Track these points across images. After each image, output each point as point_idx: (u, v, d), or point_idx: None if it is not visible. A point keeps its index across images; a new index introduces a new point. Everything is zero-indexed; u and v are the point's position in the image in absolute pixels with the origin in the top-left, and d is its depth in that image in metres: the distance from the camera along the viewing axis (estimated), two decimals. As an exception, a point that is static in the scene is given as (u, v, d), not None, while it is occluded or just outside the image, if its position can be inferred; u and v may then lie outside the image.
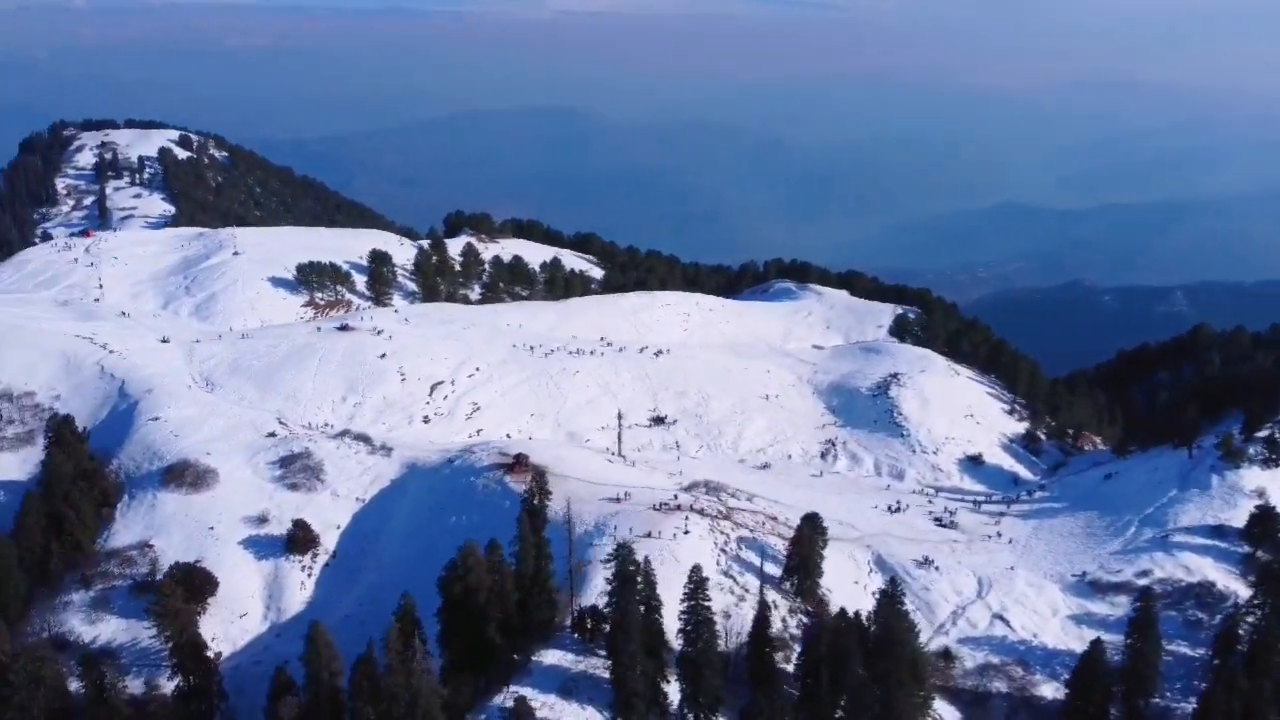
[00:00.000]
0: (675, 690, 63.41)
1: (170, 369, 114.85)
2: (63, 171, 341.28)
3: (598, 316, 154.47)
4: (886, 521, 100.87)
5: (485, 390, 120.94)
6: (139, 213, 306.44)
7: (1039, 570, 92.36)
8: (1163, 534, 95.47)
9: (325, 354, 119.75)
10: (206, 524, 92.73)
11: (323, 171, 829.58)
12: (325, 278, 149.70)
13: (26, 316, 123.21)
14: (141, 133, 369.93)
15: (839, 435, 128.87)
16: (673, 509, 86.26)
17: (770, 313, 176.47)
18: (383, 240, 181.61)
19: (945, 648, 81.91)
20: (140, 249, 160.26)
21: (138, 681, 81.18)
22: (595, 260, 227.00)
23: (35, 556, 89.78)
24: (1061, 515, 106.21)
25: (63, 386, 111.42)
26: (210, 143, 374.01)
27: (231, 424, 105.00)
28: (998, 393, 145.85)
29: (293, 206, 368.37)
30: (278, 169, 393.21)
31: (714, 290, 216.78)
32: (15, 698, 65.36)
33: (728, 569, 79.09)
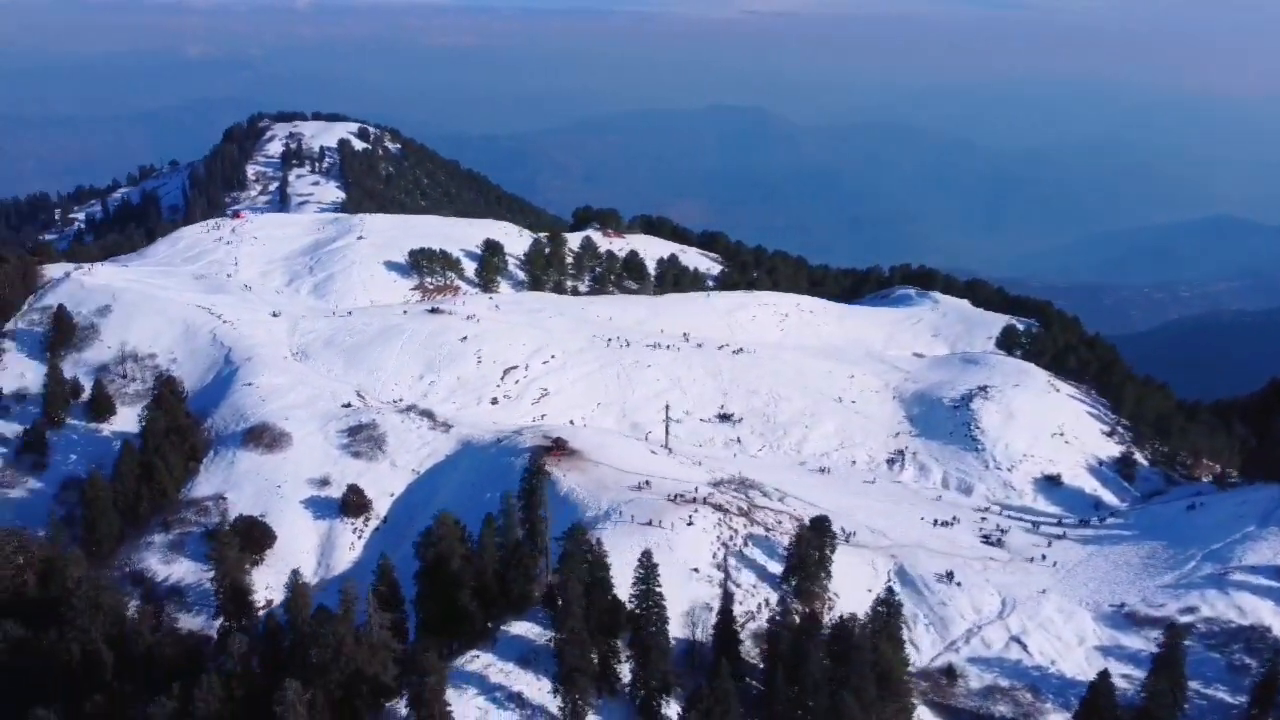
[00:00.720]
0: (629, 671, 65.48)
1: (272, 340, 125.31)
2: (254, 159, 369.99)
3: (690, 313, 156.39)
4: (926, 533, 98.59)
5: (556, 377, 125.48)
6: (314, 199, 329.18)
7: (1075, 597, 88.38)
8: (1222, 571, 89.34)
9: (411, 334, 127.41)
10: (275, 482, 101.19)
11: (509, 167, 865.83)
12: (435, 263, 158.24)
13: (161, 287, 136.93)
14: (326, 125, 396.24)
15: (911, 445, 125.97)
16: (687, 501, 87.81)
17: (876, 318, 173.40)
18: (502, 231, 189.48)
19: (949, 665, 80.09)
20: (279, 231, 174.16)
21: (198, 619, 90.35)
22: (718, 258, 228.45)
23: (127, 500, 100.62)
24: (1125, 544, 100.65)
25: (180, 351, 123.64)
26: (385, 135, 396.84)
27: (313, 394, 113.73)
28: (1100, 413, 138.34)
29: (455, 198, 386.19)
30: (445, 162, 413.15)
31: (838, 294, 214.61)
32: (78, 620, 73.49)
33: (723, 562, 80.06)
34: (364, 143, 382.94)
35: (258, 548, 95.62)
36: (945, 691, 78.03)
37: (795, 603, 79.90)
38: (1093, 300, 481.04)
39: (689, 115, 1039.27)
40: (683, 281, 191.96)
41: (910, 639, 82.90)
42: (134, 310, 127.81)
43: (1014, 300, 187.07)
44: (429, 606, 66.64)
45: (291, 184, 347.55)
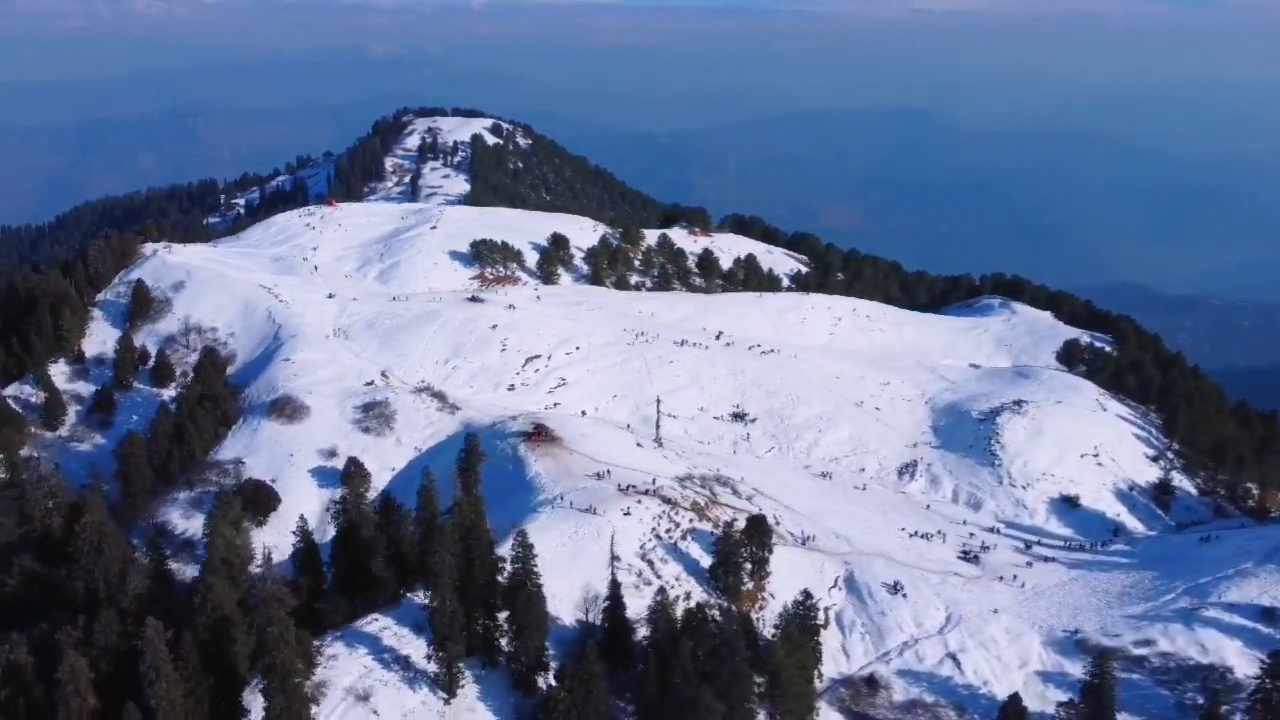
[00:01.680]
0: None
1: (320, 320, 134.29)
2: (393, 152, 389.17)
3: (739, 313, 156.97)
4: (896, 543, 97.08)
5: (577, 368, 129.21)
6: (442, 191, 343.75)
7: (1030, 619, 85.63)
8: (1196, 606, 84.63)
9: (445, 321, 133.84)
10: (289, 451, 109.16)
11: (664, 165, 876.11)
12: (495, 254, 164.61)
13: (233, 267, 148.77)
14: (463, 120, 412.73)
15: (927, 456, 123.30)
16: (639, 492, 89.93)
17: (938, 326, 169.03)
18: (577, 226, 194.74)
19: (872, 674, 79.51)
20: (364, 219, 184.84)
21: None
22: (805, 259, 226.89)
23: (160, 459, 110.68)
24: (1115, 571, 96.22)
25: (238, 326, 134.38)
26: (518, 131, 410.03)
27: (342, 371, 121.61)
28: (1150, 436, 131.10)
29: (580, 193, 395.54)
30: (572, 158, 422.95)
31: (927, 301, 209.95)
32: (81, 559, 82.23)
33: (649, 553, 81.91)
34: (496, 138, 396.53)
35: (262, 510, 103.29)
36: (865, 701, 77.58)
37: (720, 598, 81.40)
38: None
39: (849, 116, 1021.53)
40: (753, 281, 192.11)
41: (843, 645, 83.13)
42: (203, 287, 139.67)
43: (1098, 315, 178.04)
44: (339, 568, 71.69)
45: (424, 176, 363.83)
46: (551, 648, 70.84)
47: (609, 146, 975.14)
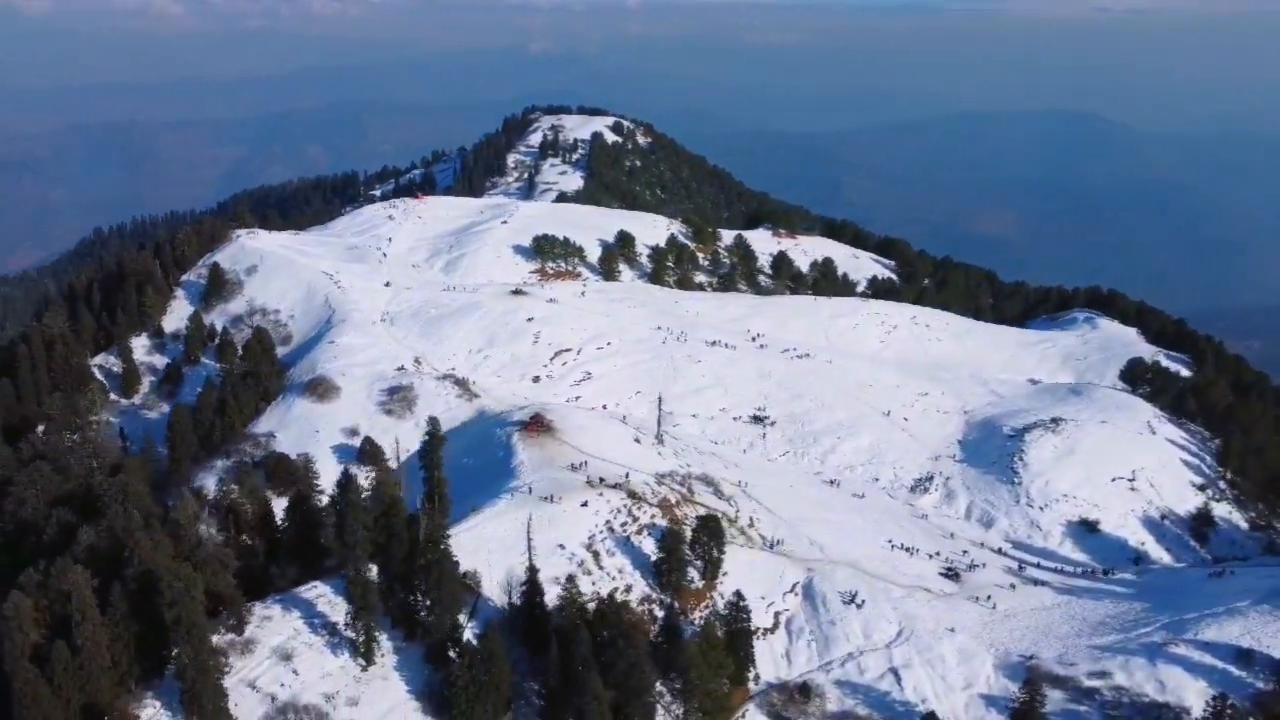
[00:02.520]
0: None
1: (371, 306, 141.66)
2: (516, 148, 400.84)
3: (790, 315, 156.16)
4: (875, 554, 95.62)
5: (605, 363, 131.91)
6: (557, 187, 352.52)
7: (990, 641, 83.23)
8: (1167, 641, 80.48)
9: (485, 312, 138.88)
10: (315, 428, 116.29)
11: (816, 165, 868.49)
12: (556, 249, 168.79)
13: (303, 253, 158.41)
14: (586, 118, 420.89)
15: (947, 470, 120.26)
16: (609, 486, 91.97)
17: (1003, 339, 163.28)
18: (650, 224, 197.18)
19: (806, 682, 79.27)
20: (444, 212, 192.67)
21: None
22: (893, 265, 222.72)
23: (204, 429, 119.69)
24: (1107, 600, 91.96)
25: (298, 309, 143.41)
26: (638, 130, 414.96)
27: (377, 355, 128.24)
28: (1202, 463, 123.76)
29: (695, 192, 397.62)
30: (691, 156, 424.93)
31: (1018, 313, 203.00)
32: (107, 512, 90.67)
33: (595, 544, 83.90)
34: (617, 136, 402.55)
35: (282, 481, 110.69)
36: (796, 707, 77.41)
37: (659, 593, 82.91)
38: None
39: (1013, 118, 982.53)
40: (824, 285, 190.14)
41: (787, 651, 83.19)
42: (272, 271, 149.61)
43: (1184, 334, 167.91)
44: (287, 535, 76.97)
45: (543, 172, 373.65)
46: (478, 626, 74.25)
47: (756, 146, 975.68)
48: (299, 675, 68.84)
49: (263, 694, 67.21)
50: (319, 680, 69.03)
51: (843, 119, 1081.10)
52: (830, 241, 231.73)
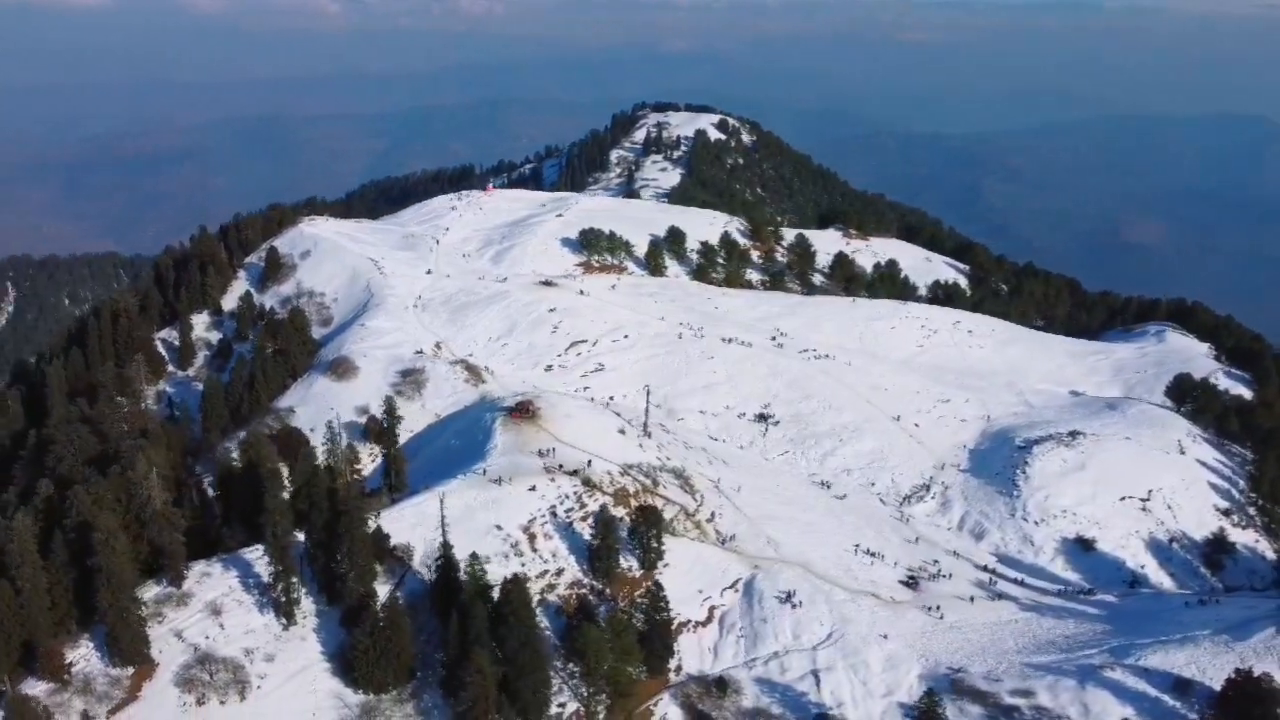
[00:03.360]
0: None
1: (407, 292, 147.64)
2: (620, 145, 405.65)
3: (825, 316, 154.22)
4: (832, 557, 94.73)
5: (619, 356, 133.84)
6: (654, 184, 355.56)
7: (922, 651, 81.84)
8: (1106, 664, 77.32)
9: (511, 302, 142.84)
10: (330, 405, 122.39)
11: (956, 168, 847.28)
12: (602, 243, 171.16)
13: (357, 240, 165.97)
14: (692, 116, 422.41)
15: (948, 478, 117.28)
16: (565, 473, 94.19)
17: (1055, 349, 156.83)
18: (708, 220, 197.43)
19: (723, 676, 79.77)
20: (507, 204, 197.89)
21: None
22: (966, 270, 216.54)
23: (234, 402, 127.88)
24: (1070, 620, 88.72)
25: (341, 292, 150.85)
26: (743, 128, 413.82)
27: (401, 339, 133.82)
28: (1230, 487, 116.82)
29: (796, 192, 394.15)
30: (796, 155, 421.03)
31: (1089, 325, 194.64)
32: (127, 471, 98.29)
33: (533, 527, 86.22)
34: (721, 134, 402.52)
35: (291, 452, 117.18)
36: (710, 701, 78.12)
37: (592, 579, 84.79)
38: None
39: (1171, 122, 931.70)
40: (881, 287, 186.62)
41: (715, 645, 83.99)
42: (323, 256, 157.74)
43: (1256, 351, 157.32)
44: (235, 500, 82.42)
45: (643, 168, 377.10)
46: (403, 597, 78.06)
47: (893, 146, 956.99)
48: (224, 629, 73.91)
49: (187, 643, 72.47)
50: (242, 635, 73.92)
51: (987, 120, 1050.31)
52: (904, 244, 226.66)
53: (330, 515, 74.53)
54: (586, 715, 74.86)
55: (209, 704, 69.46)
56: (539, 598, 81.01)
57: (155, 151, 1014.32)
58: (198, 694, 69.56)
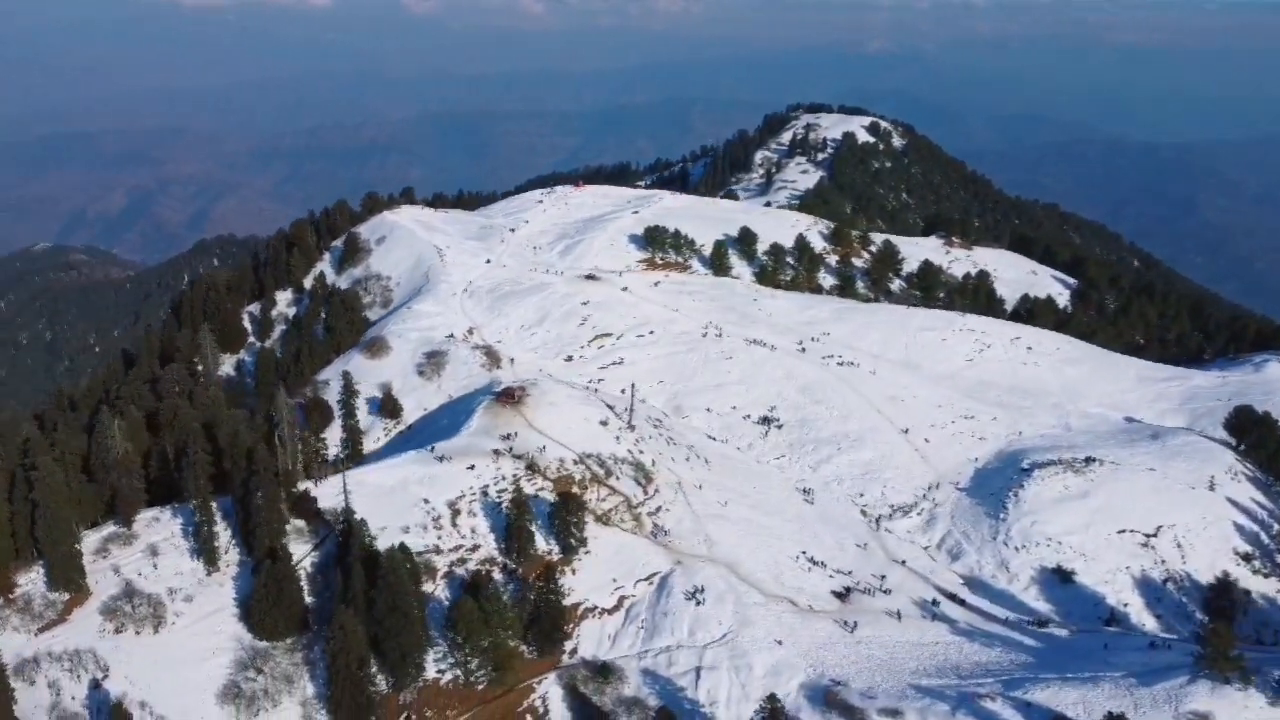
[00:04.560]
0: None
1: (460, 280, 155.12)
2: (767, 145, 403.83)
3: (874, 324, 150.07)
4: (768, 561, 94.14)
5: (640, 350, 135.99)
6: (792, 185, 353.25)
7: (814, 661, 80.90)
8: (987, 694, 74.13)
9: (549, 293, 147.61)
10: (358, 378, 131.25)
11: (1168, 179, 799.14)
12: (667, 240, 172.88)
13: (429, 229, 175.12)
14: (843, 118, 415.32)
15: (941, 496, 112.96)
16: (513, 456, 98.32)
17: (1124, 372, 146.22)
18: (789, 223, 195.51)
19: (609, 663, 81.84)
20: (592, 200, 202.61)
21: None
22: (1074, 285, 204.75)
23: (284, 371, 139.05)
24: (997, 648, 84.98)
25: (404, 277, 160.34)
26: (895, 131, 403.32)
27: (438, 323, 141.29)
28: (1261, 531, 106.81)
29: (945, 197, 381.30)
30: (949, 160, 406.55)
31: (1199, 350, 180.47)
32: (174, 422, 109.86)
33: (458, 504, 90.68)
34: (872, 136, 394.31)
35: (321, 422, 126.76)
36: (592, 685, 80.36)
37: (504, 560, 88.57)
38: None
39: None
40: (962, 298, 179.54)
41: (616, 633, 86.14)
42: (395, 242, 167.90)
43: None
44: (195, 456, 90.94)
45: (784, 170, 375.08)
46: (319, 557, 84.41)
47: (1095, 154, 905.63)
48: (157, 569, 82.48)
49: (121, 578, 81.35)
50: (171, 576, 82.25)
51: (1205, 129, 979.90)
52: (1011, 255, 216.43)
53: (247, 474, 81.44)
54: (464, 684, 78.66)
55: (125, 633, 77.83)
56: (446, 570, 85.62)
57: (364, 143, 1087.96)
58: (118, 623, 78.04)
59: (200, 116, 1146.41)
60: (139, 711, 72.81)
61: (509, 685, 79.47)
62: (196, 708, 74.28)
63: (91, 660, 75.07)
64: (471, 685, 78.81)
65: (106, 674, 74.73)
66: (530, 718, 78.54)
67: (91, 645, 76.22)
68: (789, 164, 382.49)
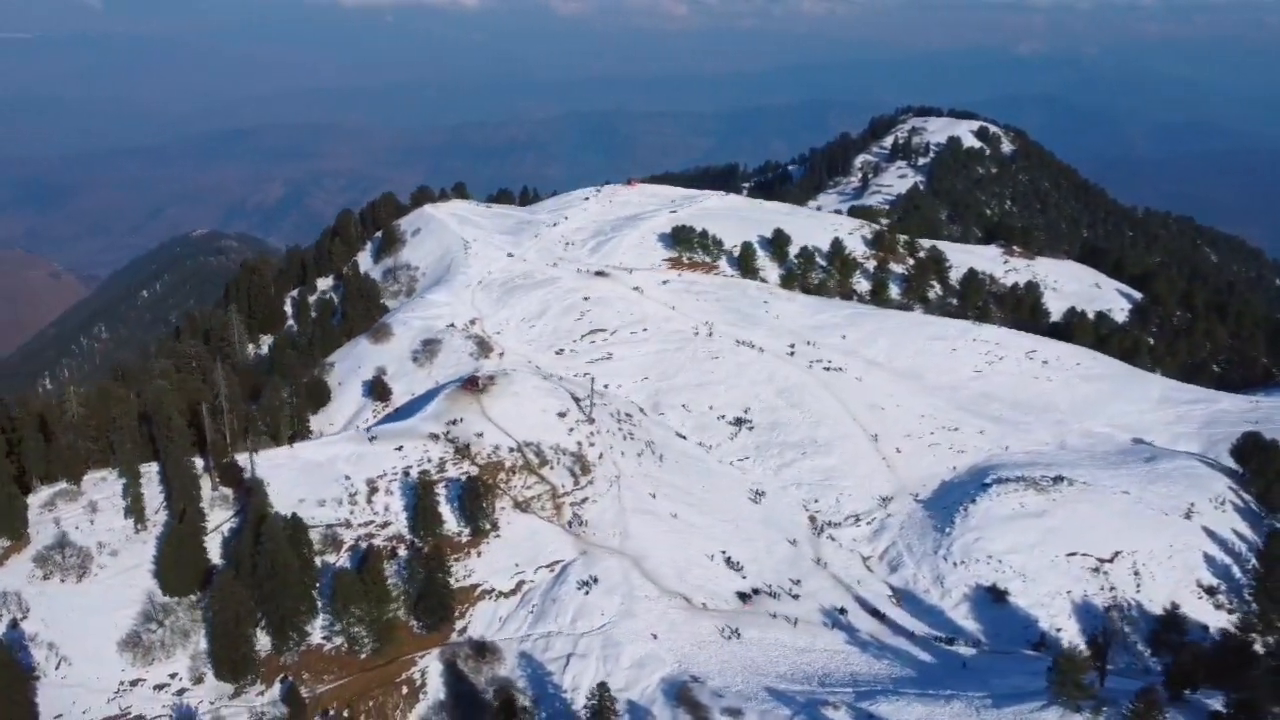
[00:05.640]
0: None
1: (478, 272, 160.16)
2: (869, 149, 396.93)
3: (883, 330, 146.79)
4: (680, 560, 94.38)
5: (630, 347, 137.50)
6: (886, 190, 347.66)
7: (683, 657, 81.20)
8: (835, 703, 72.98)
9: (555, 288, 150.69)
10: (359, 363, 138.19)
11: None
12: (693, 240, 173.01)
13: (466, 223, 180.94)
14: (951, 121, 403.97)
15: (897, 507, 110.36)
16: (444, 439, 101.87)
17: (1145, 393, 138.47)
18: (831, 225, 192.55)
19: (489, 643, 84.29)
20: (638, 199, 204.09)
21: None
22: (1140, 299, 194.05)
23: (302, 352, 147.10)
24: (883, 659, 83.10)
25: (430, 268, 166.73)
26: (1005, 137, 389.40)
27: (444, 312, 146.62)
28: (1234, 564, 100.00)
29: (1052, 207, 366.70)
30: (1061, 168, 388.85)
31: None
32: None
33: (376, 482, 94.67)
34: (980, 142, 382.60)
35: (318, 402, 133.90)
36: (471, 662, 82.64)
37: (410, 537, 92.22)
38: None
39: None
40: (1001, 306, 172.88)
41: (507, 614, 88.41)
42: (427, 235, 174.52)
43: None
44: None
45: (883, 174, 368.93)
46: (237, 522, 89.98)
47: (1266, 165, 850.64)
48: (93, 524, 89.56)
49: (59, 530, 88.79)
50: (104, 532, 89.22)
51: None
52: (1075, 266, 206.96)
53: (166, 440, 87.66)
54: (347, 651, 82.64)
55: (52, 580, 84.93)
56: (352, 544, 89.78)
57: (504, 142, 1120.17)
58: (46, 570, 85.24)
59: (353, 113, 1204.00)
60: (46, 651, 79.72)
61: (391, 657, 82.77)
62: (98, 652, 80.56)
63: (15, 602, 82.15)
64: (354, 654, 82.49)
65: (26, 615, 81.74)
66: (406, 689, 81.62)
67: (19, 588, 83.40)
68: (889, 168, 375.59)
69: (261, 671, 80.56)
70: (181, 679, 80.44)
